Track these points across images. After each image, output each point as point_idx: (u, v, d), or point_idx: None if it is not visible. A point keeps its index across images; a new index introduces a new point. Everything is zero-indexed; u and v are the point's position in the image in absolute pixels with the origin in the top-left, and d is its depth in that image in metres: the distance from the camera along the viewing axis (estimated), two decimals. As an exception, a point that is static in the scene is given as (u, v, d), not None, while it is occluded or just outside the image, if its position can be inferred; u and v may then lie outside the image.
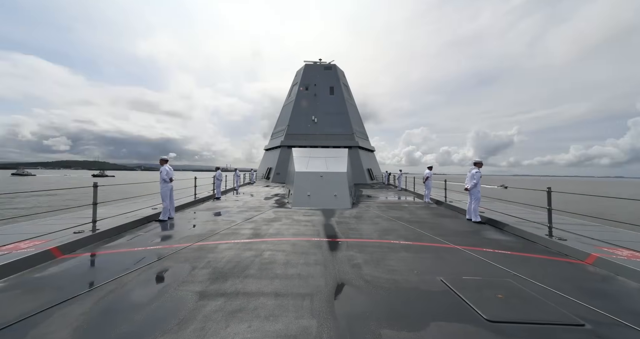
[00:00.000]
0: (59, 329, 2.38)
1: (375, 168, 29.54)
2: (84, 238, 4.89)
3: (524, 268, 3.96)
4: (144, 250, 4.74)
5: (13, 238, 4.58)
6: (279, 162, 25.03)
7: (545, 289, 3.26)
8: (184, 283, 3.37)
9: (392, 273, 3.79)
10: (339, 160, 12.90)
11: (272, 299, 2.95)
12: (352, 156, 17.81)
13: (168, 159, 7.77)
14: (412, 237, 5.78)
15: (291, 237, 5.69)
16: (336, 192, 10.32)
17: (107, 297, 2.97)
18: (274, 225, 6.86)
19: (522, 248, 5.08)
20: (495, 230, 6.55)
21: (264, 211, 8.91)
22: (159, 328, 2.40)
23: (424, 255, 4.68)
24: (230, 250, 4.72)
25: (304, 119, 26.79)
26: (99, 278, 3.50)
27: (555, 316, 2.68)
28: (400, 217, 8.12)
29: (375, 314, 2.66)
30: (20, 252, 3.94)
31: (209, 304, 2.83)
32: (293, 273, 3.71)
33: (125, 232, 5.91)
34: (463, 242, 5.31)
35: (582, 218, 6.96)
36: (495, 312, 2.70)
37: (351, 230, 6.49)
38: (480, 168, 7.54)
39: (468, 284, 3.37)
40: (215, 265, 3.99)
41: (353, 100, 31.45)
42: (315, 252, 4.68)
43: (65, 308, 2.74)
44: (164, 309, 2.74)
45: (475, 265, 4.15)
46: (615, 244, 4.69)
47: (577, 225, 6.42)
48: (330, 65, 29.90)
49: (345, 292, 3.16)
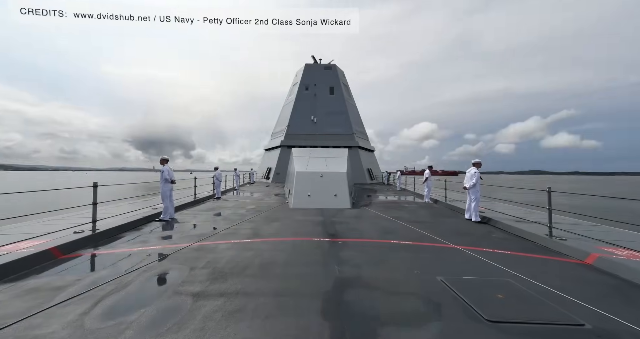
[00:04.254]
0: (59, 329, 2.38)
1: (375, 168, 29.54)
2: (84, 238, 4.89)
3: (524, 268, 3.96)
4: (144, 250, 4.74)
5: (13, 238, 4.57)
6: (279, 162, 25.03)
7: (545, 290, 3.26)
8: (184, 283, 3.37)
9: (392, 273, 3.79)
10: (339, 160, 12.90)
11: (272, 300, 2.95)
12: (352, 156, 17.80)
13: (169, 159, 7.75)
14: (412, 237, 5.78)
15: (291, 237, 5.69)
16: (336, 192, 10.32)
17: (107, 297, 2.97)
18: (273, 225, 6.86)
19: (522, 248, 5.08)
20: (495, 230, 6.55)
21: (263, 212, 8.91)
22: (159, 327, 2.40)
23: (424, 254, 4.68)
24: (230, 250, 4.72)
25: (304, 119, 26.78)
26: (99, 278, 3.49)
27: (555, 316, 2.68)
28: (400, 217, 8.11)
29: (375, 314, 2.66)
30: (20, 252, 3.94)
31: (208, 304, 2.83)
32: (293, 273, 3.71)
33: (125, 232, 5.90)
34: (463, 242, 5.31)
35: (582, 218, 6.97)
36: (495, 312, 2.70)
37: (351, 229, 6.49)
38: (479, 168, 7.57)
39: (468, 284, 3.37)
40: (215, 265, 3.99)
41: (353, 100, 31.45)
42: (315, 252, 4.68)
43: (65, 308, 2.74)
44: (164, 309, 2.74)
45: (475, 265, 4.15)
46: (615, 244, 4.69)
47: (577, 225, 6.42)
48: (330, 65, 29.90)
49: (345, 292, 3.16)
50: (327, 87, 28.34)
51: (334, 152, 15.58)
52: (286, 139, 25.81)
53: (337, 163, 12.28)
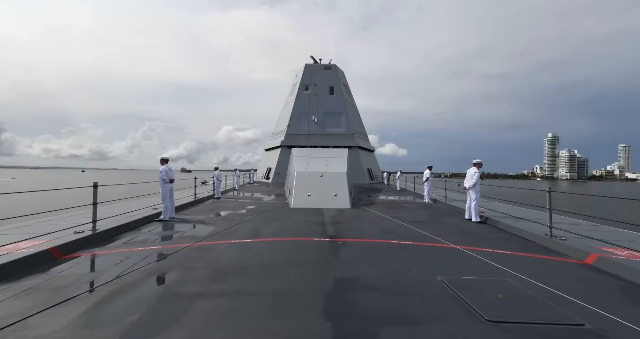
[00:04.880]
0: (59, 329, 2.37)
1: (375, 168, 29.54)
2: (84, 238, 4.89)
3: (524, 268, 3.96)
4: (144, 250, 4.74)
5: (13, 238, 4.57)
6: (279, 162, 25.02)
7: (545, 289, 3.26)
8: (184, 283, 3.37)
9: (392, 273, 3.79)
10: (338, 160, 12.90)
11: (272, 300, 2.95)
12: (352, 156, 17.78)
13: (169, 159, 7.74)
14: (412, 237, 5.78)
15: (291, 237, 5.68)
16: (336, 192, 10.32)
17: (107, 297, 2.97)
18: (273, 225, 6.86)
19: (522, 248, 5.08)
20: (495, 230, 6.55)
21: (263, 211, 8.90)
22: (159, 328, 2.40)
23: (424, 254, 4.68)
24: (230, 250, 4.72)
25: (304, 119, 26.78)
26: (99, 278, 3.49)
27: (555, 316, 2.68)
28: (400, 217, 8.11)
29: (376, 314, 2.66)
30: (20, 252, 3.94)
31: (208, 304, 2.83)
32: (293, 273, 3.71)
33: (126, 232, 5.90)
34: (463, 242, 5.30)
35: (582, 218, 6.97)
36: (495, 312, 2.70)
37: (351, 229, 6.49)
38: (480, 169, 7.57)
39: (468, 284, 3.37)
40: (215, 265, 3.99)
41: (353, 100, 31.45)
42: (315, 252, 4.68)
43: (65, 308, 2.74)
44: (164, 309, 2.73)
45: (475, 265, 4.15)
46: (615, 244, 4.69)
47: (577, 225, 6.42)
48: (330, 65, 29.89)
49: (345, 292, 3.16)
50: (327, 87, 28.32)
51: (334, 152, 15.56)
52: (286, 139, 25.80)
53: (337, 163, 12.28)
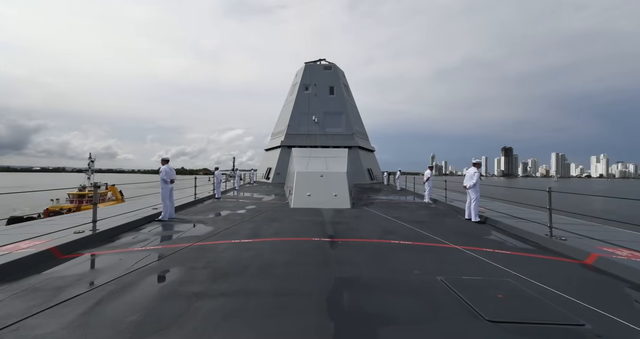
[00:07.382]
0: (59, 329, 2.37)
1: (375, 168, 29.55)
2: (84, 238, 4.89)
3: (524, 268, 3.96)
4: (144, 250, 4.74)
5: (13, 238, 4.57)
6: (279, 162, 25.03)
7: (545, 289, 3.26)
8: (184, 282, 3.37)
9: (392, 273, 3.79)
10: (339, 160, 12.90)
11: (272, 299, 2.95)
12: (352, 156, 17.79)
13: (169, 159, 7.74)
14: (412, 237, 5.78)
15: (291, 237, 5.68)
16: (336, 192, 10.32)
17: (107, 297, 2.97)
18: (273, 225, 6.86)
19: (522, 248, 5.08)
20: (495, 230, 6.55)
21: (263, 211, 8.90)
22: (159, 327, 2.40)
23: (424, 254, 4.68)
24: (230, 250, 4.72)
25: (304, 119, 26.80)
26: (99, 278, 3.49)
27: (555, 316, 2.68)
28: (400, 217, 8.11)
29: (376, 314, 2.66)
30: (20, 252, 3.94)
31: (209, 304, 2.83)
32: (293, 273, 3.71)
33: (126, 232, 5.90)
34: (463, 242, 5.30)
35: (582, 218, 6.97)
36: (495, 312, 2.70)
37: (351, 229, 6.49)
38: (479, 168, 7.58)
39: (468, 284, 3.37)
40: (215, 264, 3.99)
41: (353, 100, 31.46)
42: (315, 252, 4.68)
43: (65, 308, 2.74)
44: (164, 309, 2.73)
45: (475, 265, 4.15)
46: (615, 244, 4.69)
47: (577, 225, 6.42)
48: (330, 65, 29.91)
49: (345, 292, 3.15)
50: (327, 87, 28.34)
51: (334, 152, 15.56)
52: (286, 139, 25.81)
53: (337, 163, 12.28)
